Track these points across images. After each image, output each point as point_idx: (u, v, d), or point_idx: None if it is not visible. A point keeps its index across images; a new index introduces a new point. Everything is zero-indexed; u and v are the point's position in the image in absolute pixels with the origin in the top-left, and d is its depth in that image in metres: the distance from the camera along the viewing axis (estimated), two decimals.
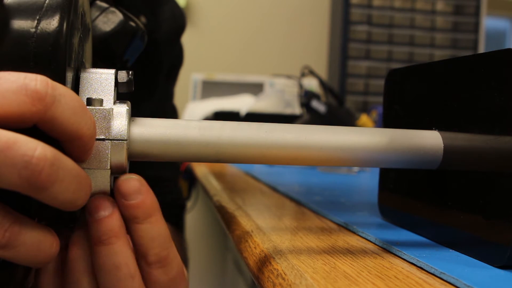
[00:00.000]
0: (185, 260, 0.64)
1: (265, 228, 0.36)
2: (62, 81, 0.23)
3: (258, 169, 0.78)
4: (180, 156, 0.27)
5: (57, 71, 0.23)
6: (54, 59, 0.23)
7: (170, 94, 0.67)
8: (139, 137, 0.26)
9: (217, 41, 1.99)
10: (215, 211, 0.52)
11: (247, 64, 2.01)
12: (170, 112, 0.67)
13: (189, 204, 1.39)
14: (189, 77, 1.80)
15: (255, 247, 0.33)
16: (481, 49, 1.98)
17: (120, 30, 0.35)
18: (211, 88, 1.78)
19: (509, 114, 0.26)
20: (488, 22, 2.07)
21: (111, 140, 0.25)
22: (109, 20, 0.34)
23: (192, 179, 1.31)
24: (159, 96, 0.61)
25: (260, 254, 0.31)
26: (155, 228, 0.26)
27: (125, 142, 0.25)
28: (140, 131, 0.26)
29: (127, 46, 0.35)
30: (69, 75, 0.24)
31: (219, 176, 0.70)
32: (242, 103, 1.43)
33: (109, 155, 0.25)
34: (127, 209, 0.26)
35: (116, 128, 0.25)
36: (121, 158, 0.25)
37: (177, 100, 0.71)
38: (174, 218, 0.64)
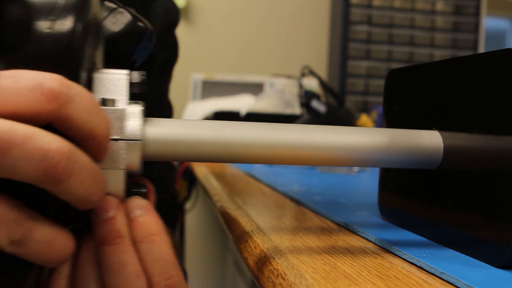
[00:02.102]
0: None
1: (265, 228, 0.36)
2: (76, 82, 0.23)
3: (258, 169, 0.78)
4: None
5: (71, 72, 0.23)
6: (68, 59, 0.23)
7: (164, 91, 0.67)
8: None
9: (217, 41, 1.98)
10: (215, 211, 0.52)
11: (247, 64, 2.00)
12: (165, 109, 0.66)
13: (189, 204, 1.38)
14: (189, 77, 1.80)
15: (255, 247, 0.33)
16: (481, 49, 1.98)
17: (129, 30, 0.35)
18: (211, 88, 1.77)
19: (509, 114, 0.26)
20: (488, 22, 2.07)
21: (125, 140, 0.25)
22: (118, 21, 0.34)
23: (192, 179, 1.31)
24: (152, 93, 0.60)
25: (260, 254, 0.31)
26: (157, 249, 0.26)
27: (139, 142, 0.25)
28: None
29: (136, 46, 0.35)
30: (83, 76, 0.24)
31: (219, 176, 0.70)
32: (242, 103, 1.43)
33: (124, 156, 0.25)
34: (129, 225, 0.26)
35: (130, 128, 0.25)
36: (136, 158, 0.25)
37: (177, 100, 0.70)
38: (170, 217, 0.64)
